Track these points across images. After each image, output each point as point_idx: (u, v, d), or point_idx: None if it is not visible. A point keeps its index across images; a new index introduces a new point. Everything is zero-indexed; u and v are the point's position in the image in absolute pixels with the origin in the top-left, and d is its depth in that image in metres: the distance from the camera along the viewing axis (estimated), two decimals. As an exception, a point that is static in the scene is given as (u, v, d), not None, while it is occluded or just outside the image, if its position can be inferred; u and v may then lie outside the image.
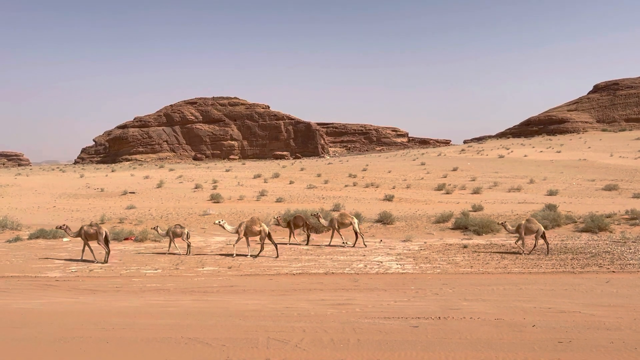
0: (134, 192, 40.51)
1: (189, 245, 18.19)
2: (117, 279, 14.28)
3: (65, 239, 21.57)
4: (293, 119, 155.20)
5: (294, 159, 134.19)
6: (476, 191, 39.33)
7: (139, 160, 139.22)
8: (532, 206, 29.25)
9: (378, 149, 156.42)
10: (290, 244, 20.07)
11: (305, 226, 20.35)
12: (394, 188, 43.08)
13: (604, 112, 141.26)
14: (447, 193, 39.50)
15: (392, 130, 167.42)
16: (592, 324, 8.33)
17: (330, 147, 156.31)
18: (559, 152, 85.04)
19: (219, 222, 18.17)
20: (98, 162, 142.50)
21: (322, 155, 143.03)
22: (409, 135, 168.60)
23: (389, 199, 34.94)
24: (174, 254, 18.08)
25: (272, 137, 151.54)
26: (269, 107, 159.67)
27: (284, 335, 7.72)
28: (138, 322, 8.76)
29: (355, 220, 19.47)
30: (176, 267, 15.99)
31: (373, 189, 42.73)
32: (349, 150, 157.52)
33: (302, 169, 67.61)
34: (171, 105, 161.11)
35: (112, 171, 78.93)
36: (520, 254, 17.16)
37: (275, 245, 17.63)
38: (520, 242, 17.66)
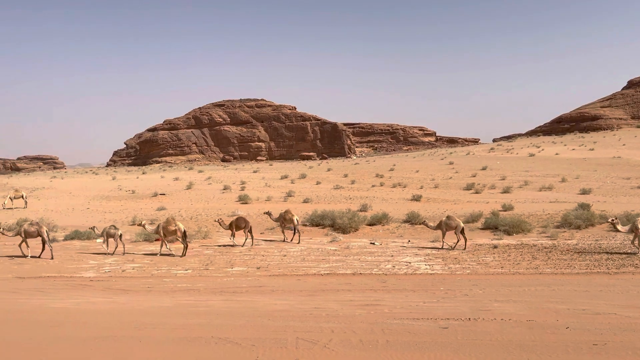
0: (164, 194, 41.20)
1: (117, 246, 18.84)
2: (148, 279, 14.56)
3: (98, 240, 22.08)
4: (319, 120, 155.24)
5: (320, 159, 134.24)
6: (506, 190, 38.65)
7: (169, 162, 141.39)
8: (565, 205, 28.57)
9: (405, 148, 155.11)
10: (230, 245, 20.38)
11: (246, 228, 20.54)
12: (421, 188, 42.69)
13: (639, 108, 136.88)
14: (476, 192, 38.94)
15: (420, 130, 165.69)
16: (628, 326, 8.11)
17: (356, 147, 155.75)
18: (592, 149, 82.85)
19: (142, 223, 19.69)
20: (129, 165, 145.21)
21: (349, 155, 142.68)
22: (437, 135, 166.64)
23: (416, 199, 34.64)
24: (107, 253, 18.64)
25: (298, 138, 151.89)
26: (295, 109, 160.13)
27: (313, 336, 7.74)
28: (169, 322, 8.91)
29: (296, 218, 21.26)
30: (206, 267, 16.22)
31: (400, 189, 42.45)
32: (375, 150, 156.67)
33: (328, 170, 67.62)
34: (200, 107, 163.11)
35: (143, 173, 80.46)
36: (441, 249, 18.47)
37: (186, 245, 18.43)
38: (445, 237, 19.06)
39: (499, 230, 21.50)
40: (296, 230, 21.33)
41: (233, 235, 20.71)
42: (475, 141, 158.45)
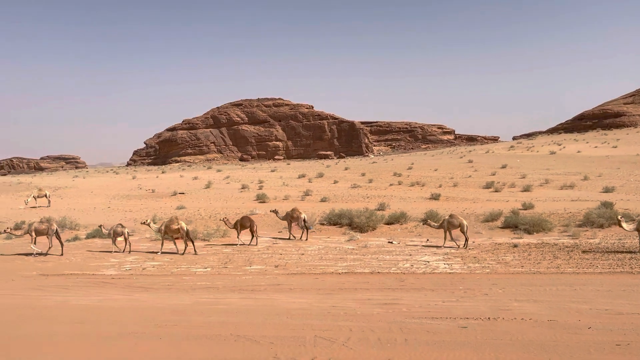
0: (183, 193, 41.60)
1: (129, 245, 19.44)
2: (168, 277, 14.73)
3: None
4: (337, 119, 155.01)
5: (338, 158, 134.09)
6: (526, 189, 38.14)
7: (188, 162, 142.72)
8: (587, 204, 28.09)
9: (424, 147, 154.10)
10: (240, 244, 20.37)
11: (252, 227, 20.57)
12: (440, 186, 42.36)
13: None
14: (496, 191, 38.50)
15: (438, 128, 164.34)
16: (653, 327, 7.95)
17: (374, 146, 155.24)
18: (615, 147, 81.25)
19: (147, 222, 19.90)
20: (149, 164, 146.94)
21: (367, 154, 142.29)
22: (456, 133, 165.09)
23: (435, 197, 34.39)
24: (116, 251, 19.12)
25: (316, 137, 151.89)
26: (312, 107, 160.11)
27: (331, 334, 7.75)
28: (189, 319, 9.01)
29: (304, 216, 21.42)
30: (225, 265, 16.35)
31: (419, 188, 42.18)
32: (393, 149, 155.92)
33: (346, 169, 67.53)
34: (218, 107, 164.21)
35: (163, 172, 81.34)
36: (458, 248, 18.30)
37: (193, 242, 18.85)
38: (448, 235, 18.91)
39: (519, 229, 21.23)
40: (305, 228, 21.42)
41: (238, 234, 20.81)
42: (495, 139, 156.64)
